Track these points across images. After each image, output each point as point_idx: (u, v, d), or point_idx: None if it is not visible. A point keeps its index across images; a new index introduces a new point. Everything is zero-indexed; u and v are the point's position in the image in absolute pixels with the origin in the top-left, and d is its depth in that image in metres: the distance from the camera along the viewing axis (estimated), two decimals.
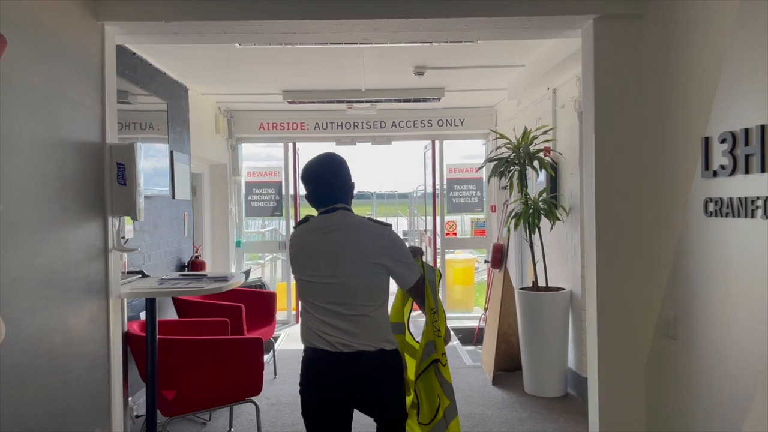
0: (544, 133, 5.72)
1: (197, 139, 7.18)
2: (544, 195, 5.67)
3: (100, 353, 3.41)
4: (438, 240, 9.01)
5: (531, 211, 5.47)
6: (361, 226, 2.59)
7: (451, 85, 7.07)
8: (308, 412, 2.61)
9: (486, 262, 6.20)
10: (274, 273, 11.25)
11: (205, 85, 6.95)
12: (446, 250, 9.03)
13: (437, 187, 9.04)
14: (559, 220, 5.54)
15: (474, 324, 8.56)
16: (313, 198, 2.66)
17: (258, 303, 6.22)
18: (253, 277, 8.93)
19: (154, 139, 5.57)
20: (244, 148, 9.07)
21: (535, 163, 5.56)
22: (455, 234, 9.07)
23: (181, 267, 6.38)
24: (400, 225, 21.67)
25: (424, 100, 7.36)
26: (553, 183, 5.85)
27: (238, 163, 8.70)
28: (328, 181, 2.63)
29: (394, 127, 8.74)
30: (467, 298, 9.84)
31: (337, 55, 5.55)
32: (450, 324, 7.82)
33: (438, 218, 9.02)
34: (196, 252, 6.55)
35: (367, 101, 7.43)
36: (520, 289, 5.66)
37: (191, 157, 6.89)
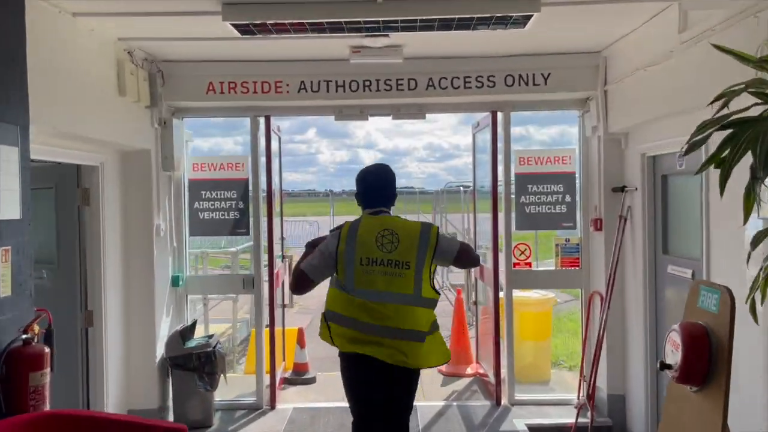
0: None
1: (69, 101, 3.78)
2: None
3: None
4: (501, 273, 5.49)
5: None
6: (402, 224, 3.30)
7: None
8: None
9: (662, 367, 2.68)
10: (254, 315, 7.80)
11: None
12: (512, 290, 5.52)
13: (500, 188, 5.51)
14: None
15: (562, 419, 5.10)
16: (364, 199, 3.41)
17: None
18: (199, 336, 5.49)
19: None
20: (185, 125, 5.62)
21: None
22: (529, 264, 5.56)
23: None
24: None
25: (499, 23, 3.84)
26: None
27: (173, 149, 5.24)
28: (380, 190, 3.41)
29: (432, 89, 5.22)
30: (542, 360, 6.33)
31: None
32: (518, 418, 5.16)
33: (501, 232, 5.50)
34: (26, 333, 3.08)
35: (385, 26, 3.94)
36: None
37: (40, 132, 3.48)
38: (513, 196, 5.51)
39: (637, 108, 4.53)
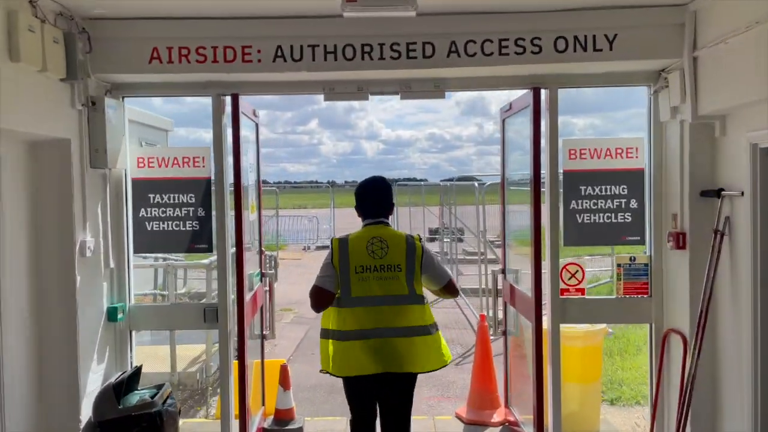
0: None
1: None
2: None
3: None
4: (546, 303, 4.14)
5: None
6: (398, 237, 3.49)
7: None
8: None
9: None
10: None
11: None
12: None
13: (544, 188, 4.14)
14: None
15: None
16: (362, 211, 3.57)
17: None
18: (146, 385, 4.16)
19: None
20: (126, 107, 4.27)
21: None
22: (581, 291, 4.21)
23: None
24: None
25: None
26: None
27: (107, 138, 3.87)
28: (377, 201, 3.56)
29: (454, 57, 3.84)
30: (590, 408, 4.99)
31: None
32: None
33: (546, 254, 4.15)
34: None
35: None
36: None
37: None
38: (558, 190, 4.16)
39: (747, 79, 3.16)
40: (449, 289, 3.55)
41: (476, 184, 9.80)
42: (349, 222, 4.11)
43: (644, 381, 5.26)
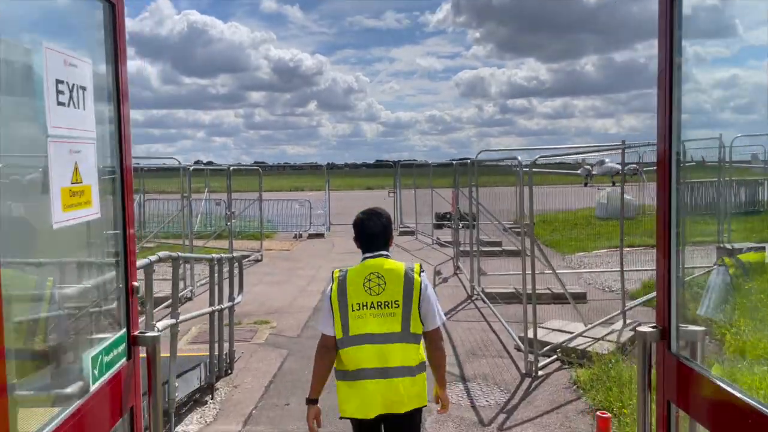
0: None
1: None
2: None
3: None
4: None
5: None
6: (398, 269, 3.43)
7: None
8: None
9: None
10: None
11: None
12: None
13: None
14: None
15: None
16: (362, 245, 3.53)
17: None
18: None
19: None
20: None
21: None
22: None
23: None
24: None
25: None
26: None
27: None
28: (375, 234, 3.50)
29: None
30: None
31: None
32: None
33: None
34: None
35: None
36: None
37: None
38: None
39: None
40: (432, 338, 3.38)
41: (518, 158, 7.07)
42: (344, 206, 1.70)
43: None
